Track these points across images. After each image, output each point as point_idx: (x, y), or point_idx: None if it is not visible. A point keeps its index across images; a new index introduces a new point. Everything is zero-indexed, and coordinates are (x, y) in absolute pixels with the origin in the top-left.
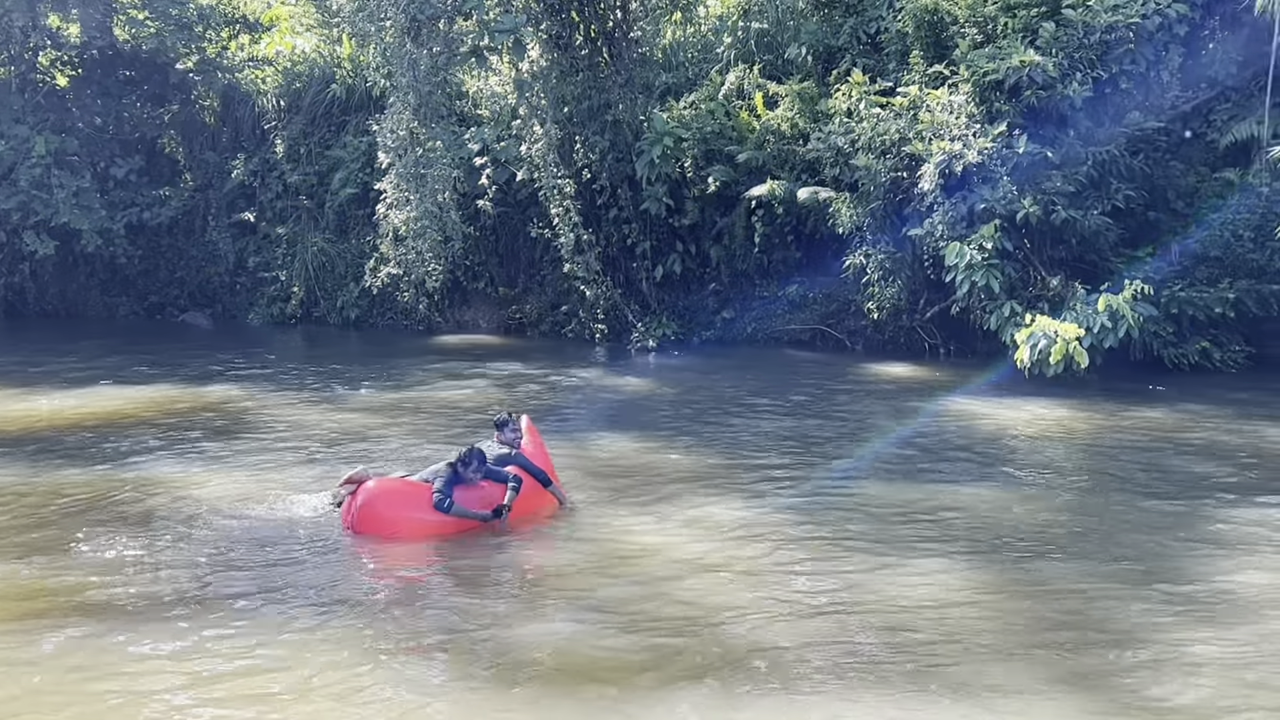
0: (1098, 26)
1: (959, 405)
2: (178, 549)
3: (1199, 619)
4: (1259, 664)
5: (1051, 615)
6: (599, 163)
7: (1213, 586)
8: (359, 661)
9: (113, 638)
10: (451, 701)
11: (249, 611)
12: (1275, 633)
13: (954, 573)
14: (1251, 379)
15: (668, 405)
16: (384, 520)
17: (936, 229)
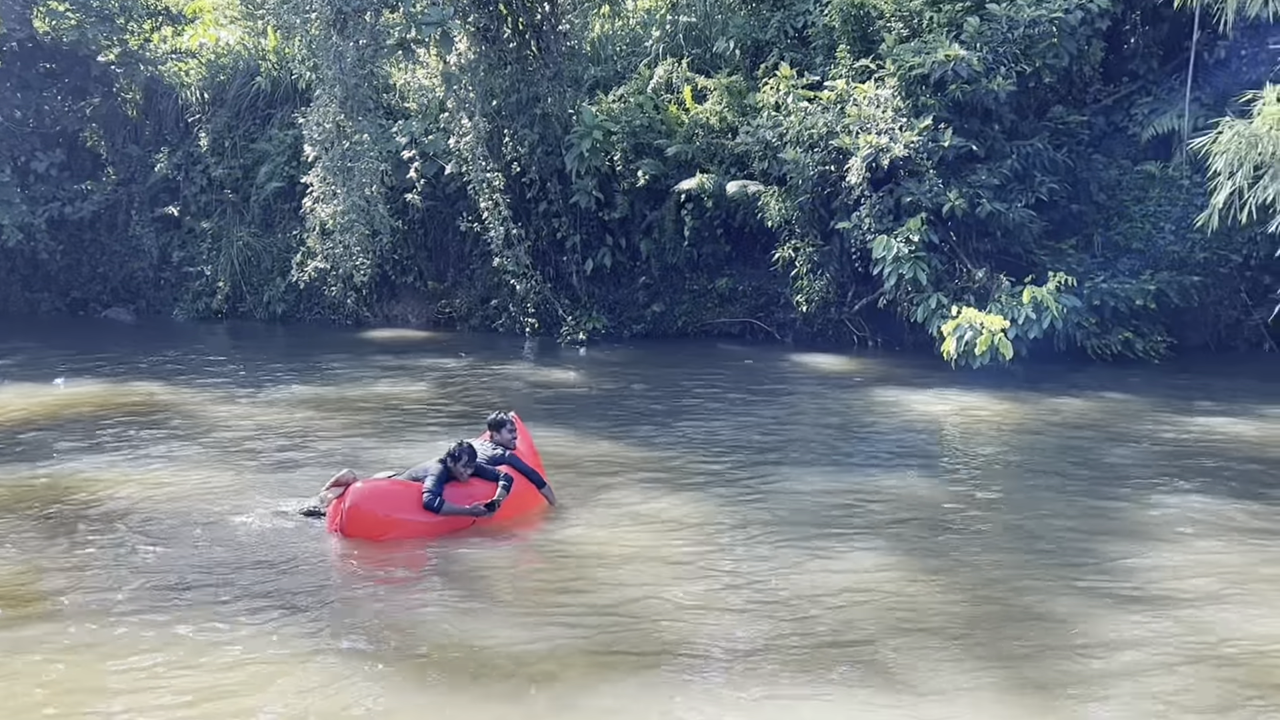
0: (1021, 21)
1: (887, 396)
2: (94, 551)
3: (1117, 600)
4: (1172, 640)
5: (975, 597)
6: (528, 156)
7: (1131, 569)
8: (311, 656)
9: (45, 637)
10: (397, 692)
11: (179, 606)
12: (1188, 612)
13: (881, 558)
14: (1173, 369)
15: (599, 399)
16: (373, 522)
17: (864, 222)
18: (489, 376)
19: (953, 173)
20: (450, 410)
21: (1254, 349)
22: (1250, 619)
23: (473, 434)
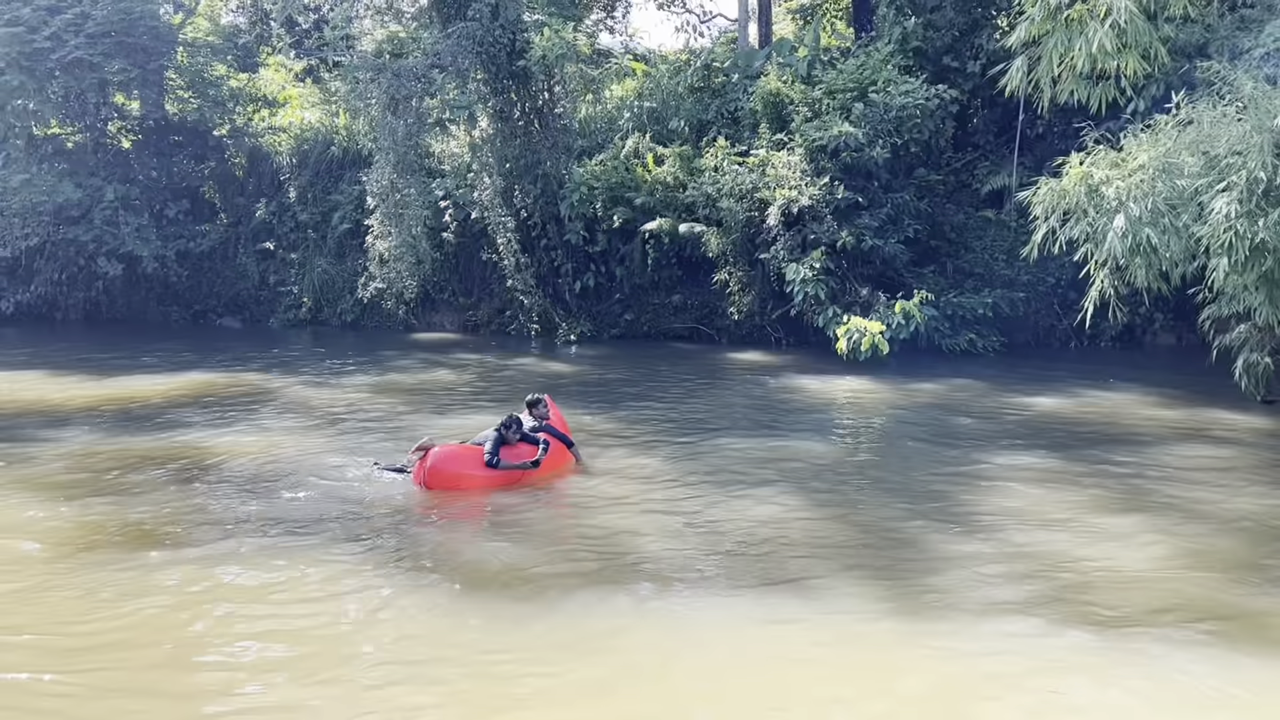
0: (894, 106)
1: (796, 382)
2: (218, 497)
3: (965, 530)
4: (1001, 561)
5: (860, 529)
6: (533, 205)
7: (973, 508)
8: (381, 571)
9: (161, 565)
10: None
11: (279, 544)
12: (1015, 539)
13: (793, 500)
14: (1004, 361)
15: (586, 383)
16: (449, 476)
17: (779, 253)
18: (505, 367)
19: (844, 217)
20: (477, 390)
21: (1064, 346)
22: (1057, 542)
23: (502, 410)
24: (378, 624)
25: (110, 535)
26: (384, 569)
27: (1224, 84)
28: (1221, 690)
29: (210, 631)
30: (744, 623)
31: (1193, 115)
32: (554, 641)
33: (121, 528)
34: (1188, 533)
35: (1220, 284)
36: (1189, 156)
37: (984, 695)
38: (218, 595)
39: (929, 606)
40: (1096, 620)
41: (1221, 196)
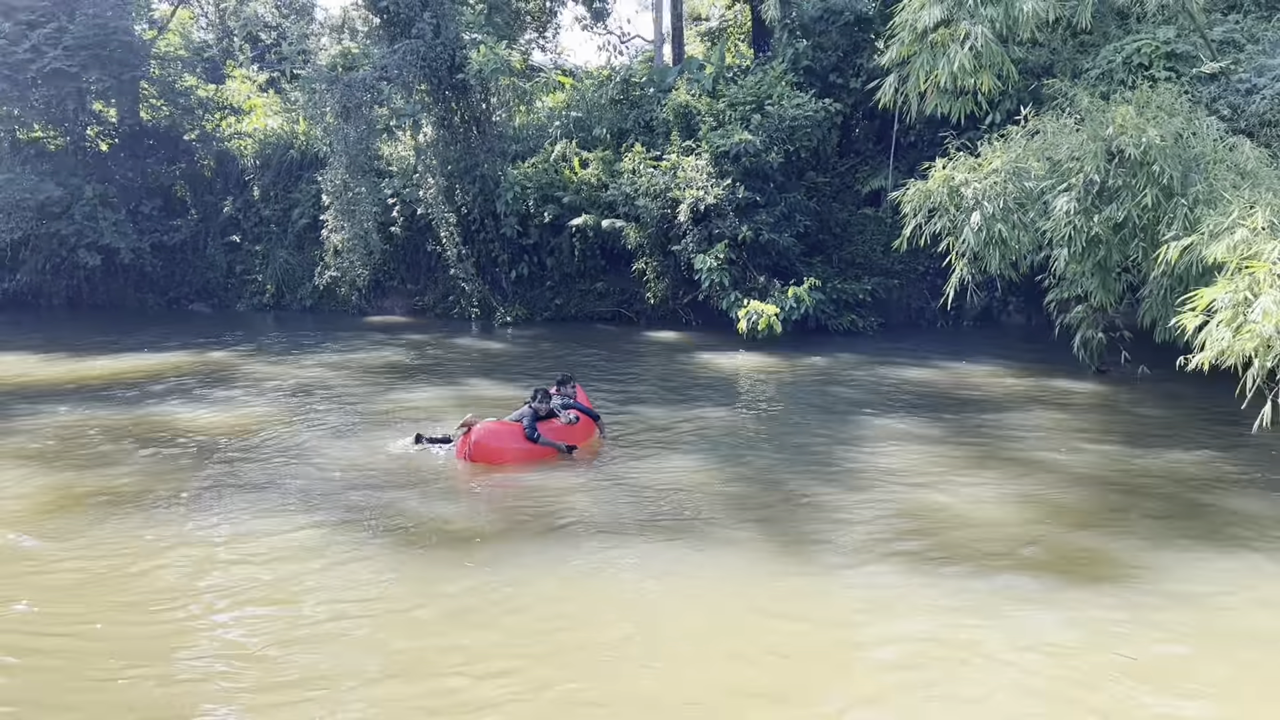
0: (787, 117)
1: (704, 358)
2: (184, 464)
3: (850, 486)
4: (880, 513)
5: (761, 485)
6: (472, 202)
7: (856, 466)
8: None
9: (143, 526)
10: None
11: (247, 503)
12: (891, 494)
13: (702, 461)
14: (881, 339)
15: (519, 359)
16: (492, 451)
17: (689, 246)
18: (449, 348)
19: (744, 214)
20: (424, 367)
21: (931, 326)
22: (927, 495)
23: (456, 385)
24: (319, 578)
25: (86, 498)
26: (342, 531)
27: (1065, 99)
28: (1060, 619)
29: (180, 584)
30: (659, 571)
31: (1039, 126)
32: (489, 595)
33: (98, 491)
34: (1035, 486)
35: (1061, 271)
36: (1035, 162)
37: (862, 630)
38: (186, 551)
39: (819, 552)
40: (958, 562)
41: (1062, 196)
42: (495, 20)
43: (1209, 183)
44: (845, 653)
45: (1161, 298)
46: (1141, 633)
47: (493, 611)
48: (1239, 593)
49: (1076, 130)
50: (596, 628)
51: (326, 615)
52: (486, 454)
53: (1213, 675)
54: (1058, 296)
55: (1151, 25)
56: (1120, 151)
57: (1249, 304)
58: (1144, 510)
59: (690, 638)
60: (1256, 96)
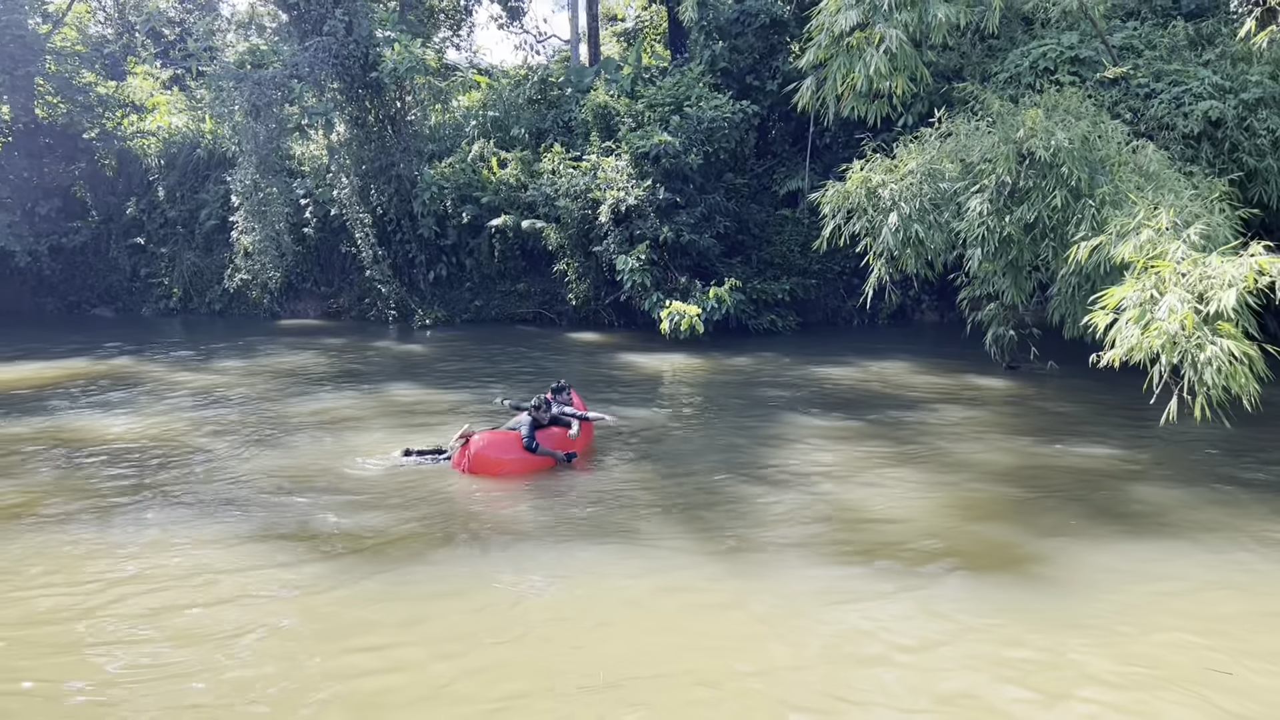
0: (705, 119)
1: (628, 358)
2: (88, 476)
3: (772, 483)
4: (802, 510)
5: (685, 483)
6: (388, 203)
7: (779, 464)
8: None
9: (44, 542)
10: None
11: (127, 516)
12: (813, 490)
13: (625, 462)
14: (800, 339)
15: (439, 362)
16: (491, 462)
17: (610, 247)
18: (366, 351)
19: (665, 215)
20: (341, 371)
21: (848, 324)
22: (847, 491)
23: (379, 389)
24: (227, 587)
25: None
26: (255, 541)
27: (976, 102)
28: (973, 610)
29: (82, 603)
30: (585, 572)
31: (951, 129)
32: (403, 601)
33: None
34: (952, 480)
35: (975, 270)
36: (949, 164)
37: (789, 625)
38: (91, 565)
39: (743, 550)
40: (879, 557)
41: (976, 197)
42: (409, 18)
43: (1114, 184)
44: (768, 646)
45: (1069, 295)
46: (1056, 621)
47: (407, 619)
48: (1148, 579)
49: (988, 133)
50: (516, 629)
51: (234, 629)
52: (486, 465)
53: (1129, 659)
54: (970, 295)
55: (1056, 31)
56: (1030, 154)
57: (1155, 302)
58: (1057, 502)
59: (612, 637)
60: (1155, 101)
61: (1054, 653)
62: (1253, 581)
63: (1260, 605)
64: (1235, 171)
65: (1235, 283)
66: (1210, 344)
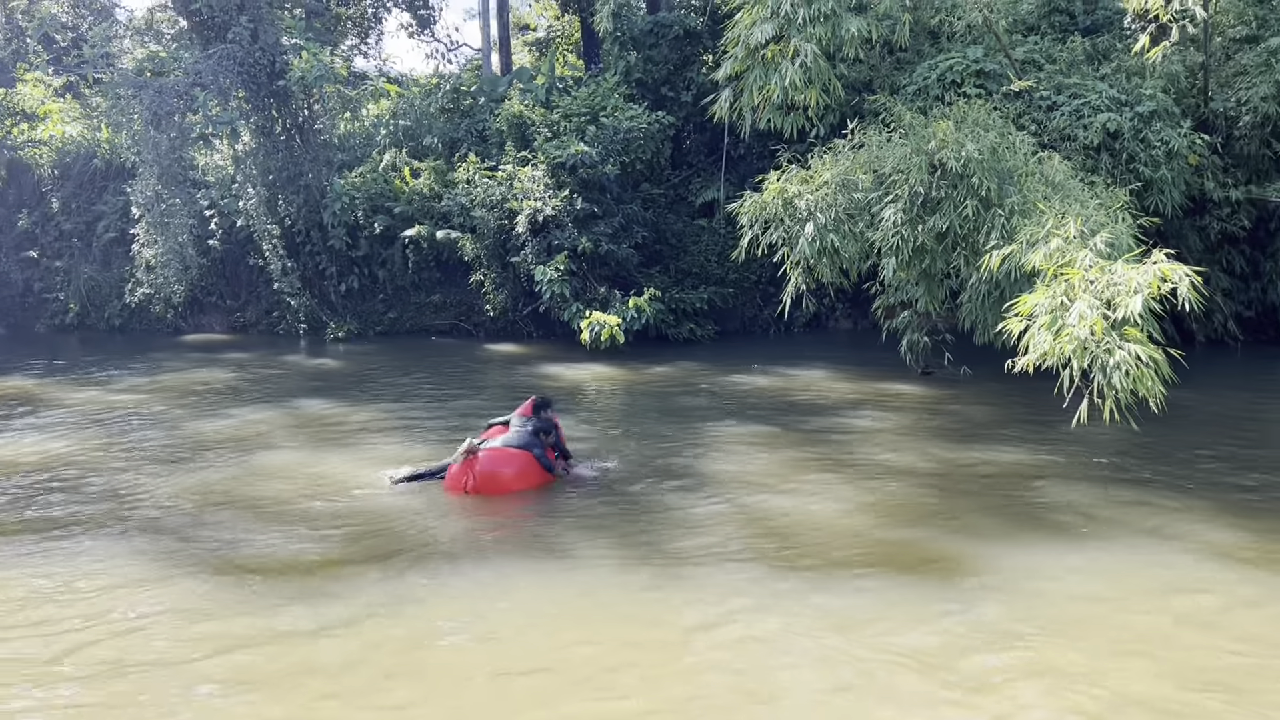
0: (621, 129)
1: (548, 369)
2: None
3: (694, 492)
4: (725, 518)
5: (603, 496)
6: (296, 213)
7: (701, 472)
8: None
9: None
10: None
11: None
12: (734, 499)
13: None
14: (718, 348)
15: (353, 376)
16: (502, 480)
17: (528, 257)
18: (275, 365)
19: (582, 225)
20: (249, 387)
21: (765, 334)
22: (768, 499)
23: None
24: (132, 612)
25: None
26: (157, 565)
27: (887, 114)
28: (888, 612)
29: None
30: (510, 585)
31: (864, 140)
32: (315, 624)
33: None
34: (870, 485)
35: (889, 279)
36: (862, 174)
37: (708, 632)
38: None
39: (661, 559)
40: (801, 563)
41: (889, 207)
42: (315, 25)
43: (1023, 194)
44: (692, 656)
45: (981, 302)
46: (974, 620)
47: (323, 644)
48: (1062, 576)
49: (900, 144)
50: (439, 651)
51: (143, 658)
52: (495, 483)
53: (1042, 656)
54: (885, 303)
55: (962, 45)
56: (942, 164)
57: (1066, 309)
58: (973, 504)
59: (526, 650)
60: (1056, 113)
61: (970, 652)
62: (1162, 577)
63: (1166, 601)
64: (1134, 182)
65: (1141, 289)
66: (1118, 349)
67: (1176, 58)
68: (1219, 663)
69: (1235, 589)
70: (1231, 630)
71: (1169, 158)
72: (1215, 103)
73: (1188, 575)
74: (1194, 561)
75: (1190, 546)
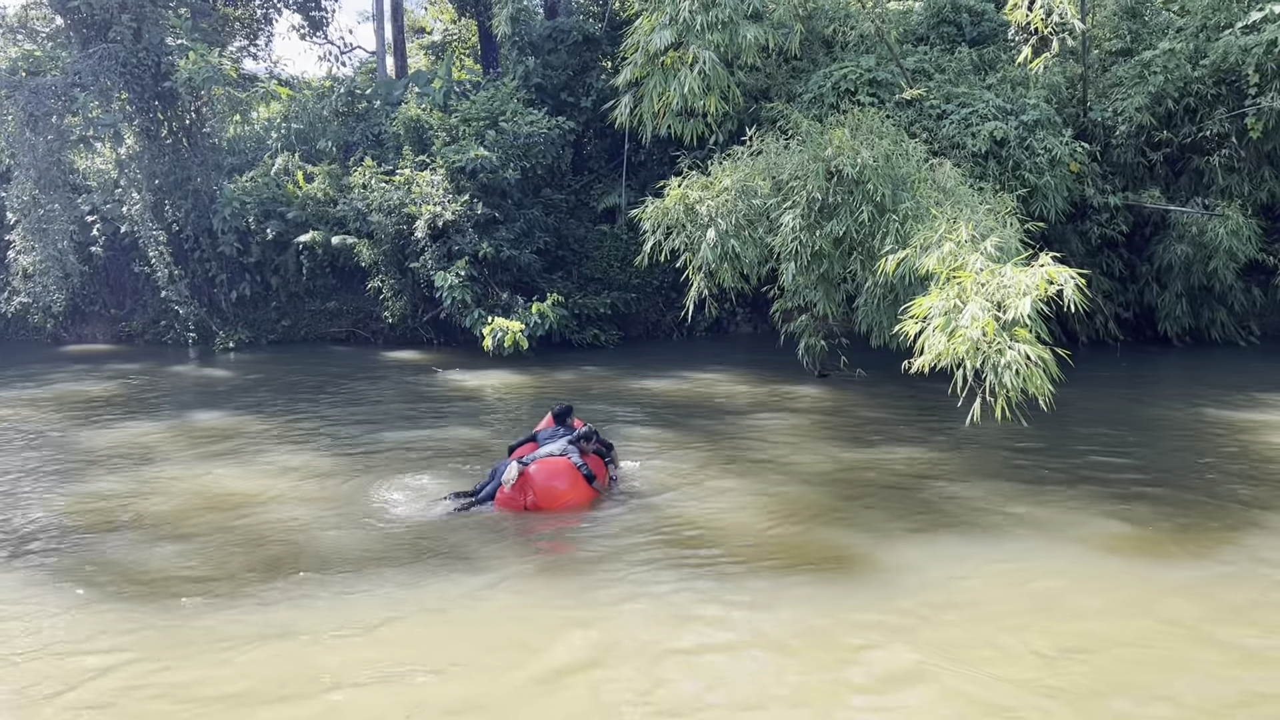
0: (521, 134)
1: (449, 377)
2: None
3: (611, 500)
4: (634, 523)
5: None
6: (184, 219)
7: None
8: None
9: None
10: None
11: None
12: (644, 502)
13: (449, 487)
14: (622, 353)
15: (245, 386)
16: (558, 494)
17: (428, 263)
18: (163, 376)
19: (483, 230)
20: (134, 398)
21: (668, 338)
22: (678, 502)
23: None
24: None
25: None
26: (21, 587)
27: (785, 121)
28: (798, 611)
29: None
30: (423, 595)
31: (762, 147)
32: (233, 637)
33: None
34: (773, 486)
35: (788, 284)
36: (761, 181)
37: (615, 638)
38: None
39: (564, 564)
40: (702, 563)
41: (788, 213)
42: (202, 26)
43: (916, 200)
44: (592, 659)
45: (876, 306)
46: (873, 616)
47: (200, 659)
48: (954, 571)
49: (798, 151)
50: (321, 669)
51: (33, 678)
52: (553, 498)
53: (936, 646)
54: (783, 307)
55: (855, 54)
56: (838, 171)
57: (958, 311)
58: (871, 502)
59: (426, 656)
60: (946, 121)
61: (867, 646)
62: (1050, 567)
63: (1060, 594)
64: (1020, 188)
65: (1029, 291)
66: (1009, 349)
67: (1057, 69)
68: (1104, 644)
69: (1116, 575)
70: (1110, 612)
71: (1052, 165)
72: (1094, 112)
73: (1069, 563)
74: (1078, 551)
75: (1075, 535)
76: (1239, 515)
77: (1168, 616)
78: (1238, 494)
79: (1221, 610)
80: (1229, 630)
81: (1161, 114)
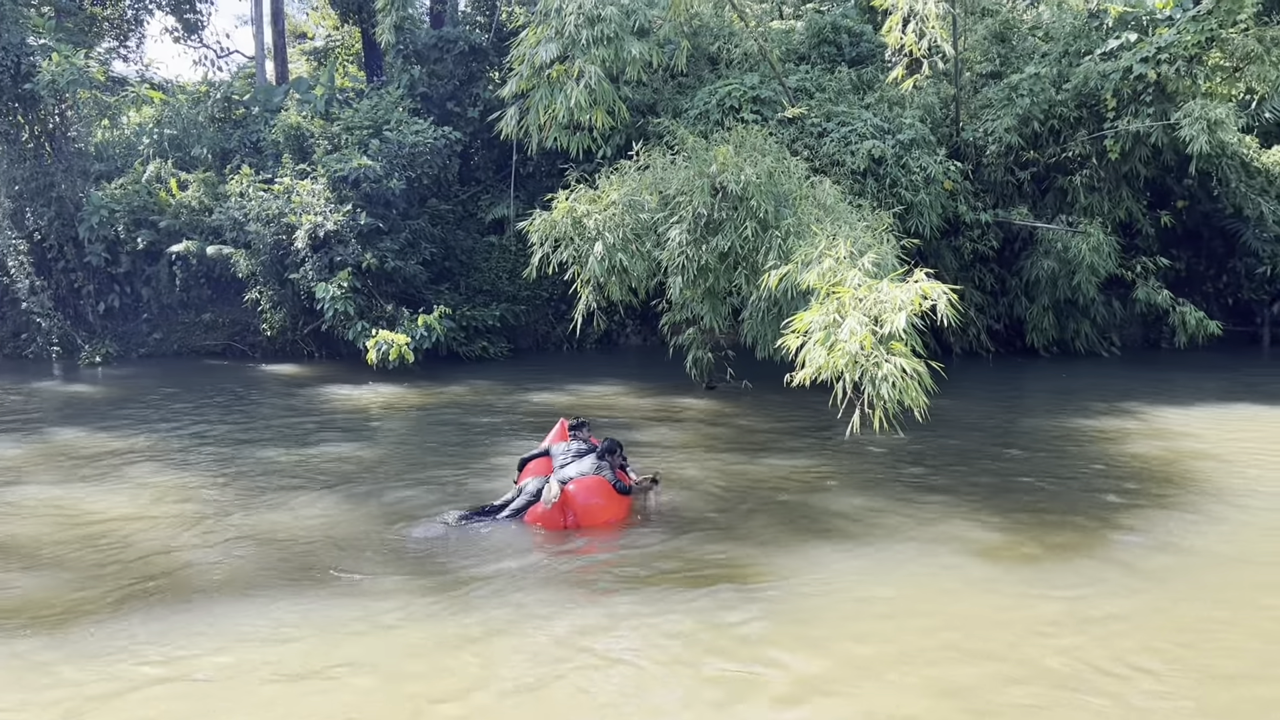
0: (406, 144)
1: (331, 392)
2: None
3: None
4: (508, 532)
5: (390, 523)
6: (47, 227)
7: (486, 490)
8: None
9: None
10: None
11: None
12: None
13: (330, 504)
14: (512, 365)
15: (111, 403)
16: (596, 509)
17: (309, 274)
18: (23, 393)
19: (367, 241)
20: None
21: (557, 350)
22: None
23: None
24: None
25: None
26: None
27: (671, 136)
28: (686, 624)
29: None
30: (297, 619)
31: (649, 161)
32: (123, 655)
33: None
34: (661, 497)
35: (676, 297)
36: (648, 195)
37: (504, 660)
38: None
39: (449, 583)
40: (589, 576)
41: (675, 227)
42: (66, 26)
43: (797, 216)
44: (475, 677)
45: (760, 319)
46: (763, 627)
47: (118, 681)
48: (840, 578)
49: (684, 167)
50: (246, 692)
51: None
52: (592, 514)
53: (822, 652)
54: (671, 320)
55: (739, 71)
56: (723, 187)
57: (838, 325)
58: (757, 513)
59: (314, 688)
60: (827, 139)
61: (754, 658)
62: (934, 573)
63: (938, 602)
64: (896, 205)
65: (904, 306)
66: (886, 362)
67: (932, 90)
68: (987, 653)
69: (997, 581)
70: (992, 621)
71: (927, 183)
72: (966, 132)
73: (944, 569)
74: (959, 558)
75: (954, 543)
76: (1104, 519)
77: (1037, 621)
78: (1103, 500)
79: (1078, 620)
80: (1089, 635)
81: (1028, 135)
